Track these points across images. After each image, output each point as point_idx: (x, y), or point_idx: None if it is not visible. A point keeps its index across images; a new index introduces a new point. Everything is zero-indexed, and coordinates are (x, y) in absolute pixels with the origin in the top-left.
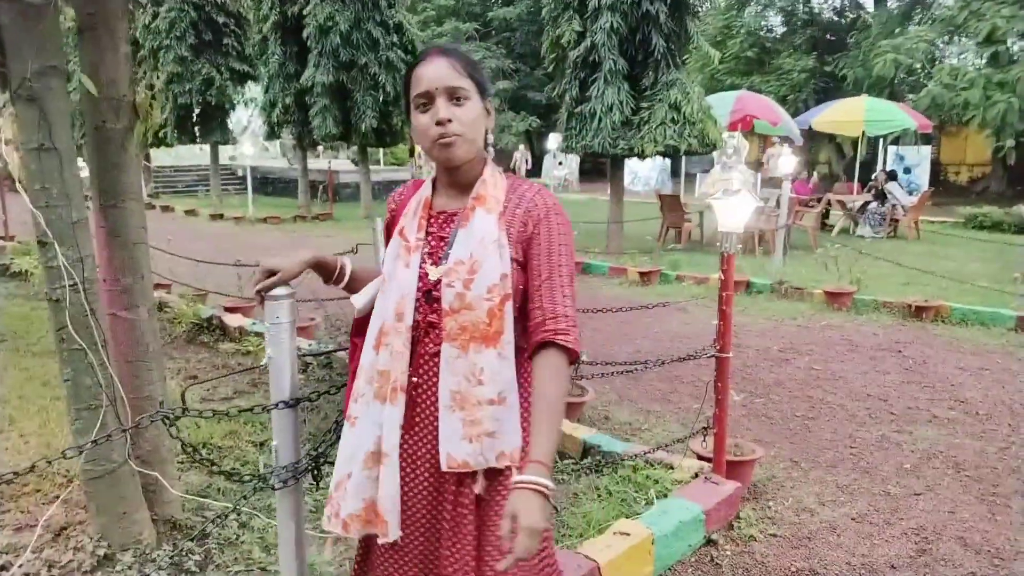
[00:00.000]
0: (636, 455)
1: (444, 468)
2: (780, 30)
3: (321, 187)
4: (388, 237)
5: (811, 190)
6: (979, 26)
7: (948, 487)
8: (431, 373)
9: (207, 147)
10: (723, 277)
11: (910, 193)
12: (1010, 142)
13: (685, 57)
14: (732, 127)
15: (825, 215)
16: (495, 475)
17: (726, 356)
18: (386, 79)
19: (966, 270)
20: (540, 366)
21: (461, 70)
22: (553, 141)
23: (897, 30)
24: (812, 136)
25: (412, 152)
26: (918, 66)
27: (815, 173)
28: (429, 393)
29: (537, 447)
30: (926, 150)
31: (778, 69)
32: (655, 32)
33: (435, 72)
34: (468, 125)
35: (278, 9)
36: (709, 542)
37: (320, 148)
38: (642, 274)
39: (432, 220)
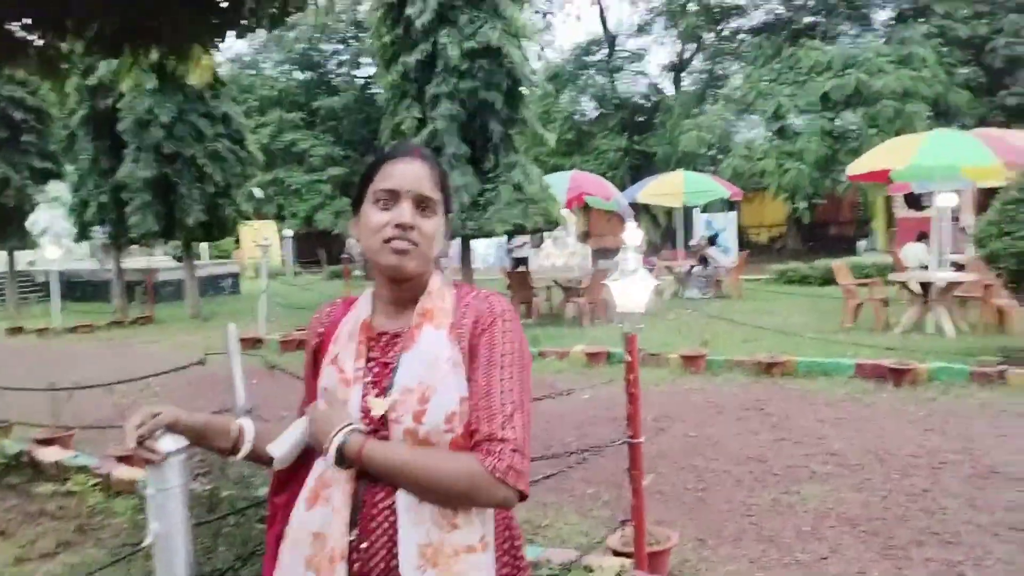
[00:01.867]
0: (552, 563)
1: None
2: (593, 114)
3: (139, 288)
4: (315, 366)
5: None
6: (766, 104)
7: (850, 547)
8: (382, 532)
9: (2, 253)
10: (628, 359)
11: (725, 254)
12: (803, 204)
13: (529, 141)
14: (568, 204)
15: None
16: None
17: (639, 442)
18: (214, 170)
19: (791, 322)
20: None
21: (436, 181)
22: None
23: (695, 110)
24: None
25: (238, 242)
26: (717, 141)
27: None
28: (380, 558)
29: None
30: (732, 215)
31: (595, 149)
32: (493, 118)
33: (411, 174)
34: (428, 239)
35: (88, 103)
36: None
37: (135, 246)
38: None
39: (373, 344)
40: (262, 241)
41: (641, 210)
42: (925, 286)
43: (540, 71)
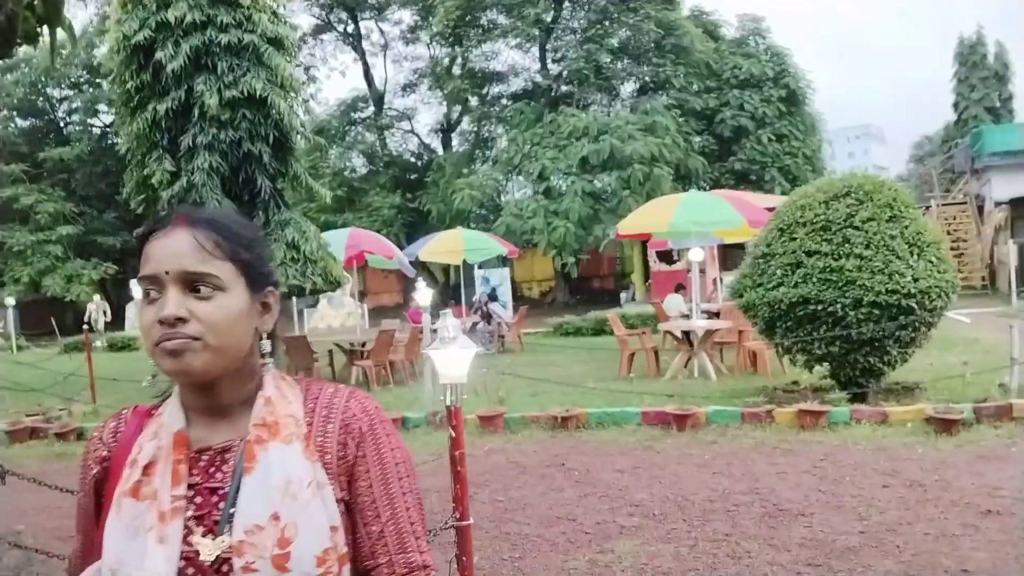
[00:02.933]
0: None
1: None
2: (364, 170)
3: None
4: (97, 504)
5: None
6: (532, 166)
7: None
8: None
9: None
10: (453, 435)
11: (504, 309)
12: (570, 259)
13: (302, 197)
14: (348, 263)
15: None
16: None
17: (467, 524)
18: None
19: (573, 373)
20: None
21: (212, 249)
22: (137, 290)
23: (466, 169)
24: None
25: None
26: (488, 200)
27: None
28: None
29: None
30: (506, 271)
31: (368, 206)
32: (260, 172)
33: (169, 250)
34: (214, 326)
35: None
36: None
37: None
38: None
39: (192, 465)
40: None
41: (419, 268)
42: (687, 334)
43: (307, 125)
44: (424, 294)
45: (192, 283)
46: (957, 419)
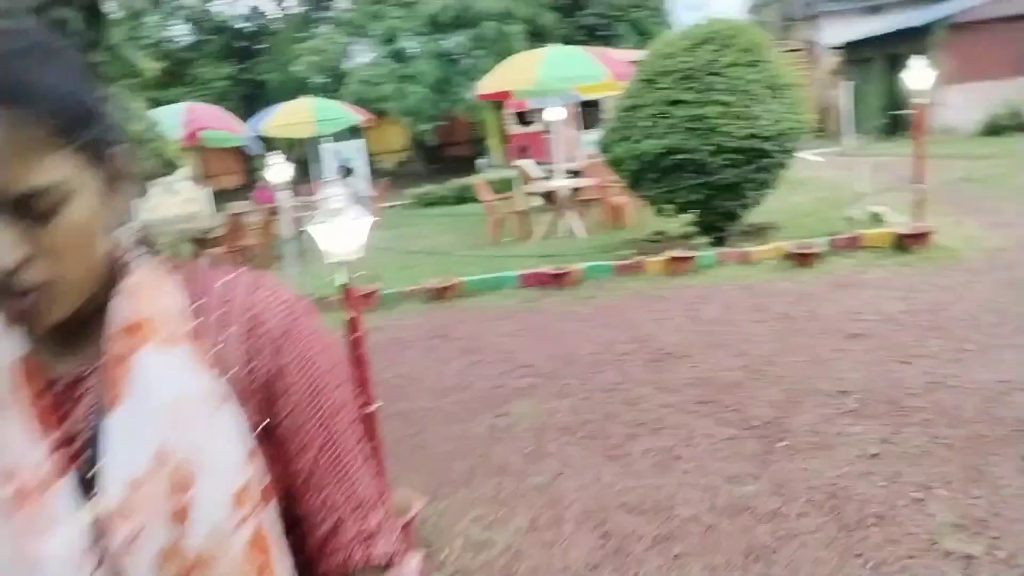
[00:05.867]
0: None
1: None
2: (188, 39)
3: None
4: None
5: (272, 197)
6: (378, 26)
7: (576, 456)
8: None
9: None
10: (351, 315)
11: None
12: (426, 127)
13: (124, 71)
14: (188, 141)
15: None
16: None
17: (373, 409)
18: None
19: (441, 243)
20: None
21: (40, 139)
22: None
23: (304, 33)
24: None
25: None
26: (331, 66)
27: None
28: None
29: None
30: (361, 143)
31: (197, 79)
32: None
33: None
34: (71, 255)
35: None
36: None
37: None
38: None
39: (52, 405)
40: None
41: (263, 143)
42: (551, 194)
43: None
44: (279, 171)
45: (23, 209)
46: (814, 253)
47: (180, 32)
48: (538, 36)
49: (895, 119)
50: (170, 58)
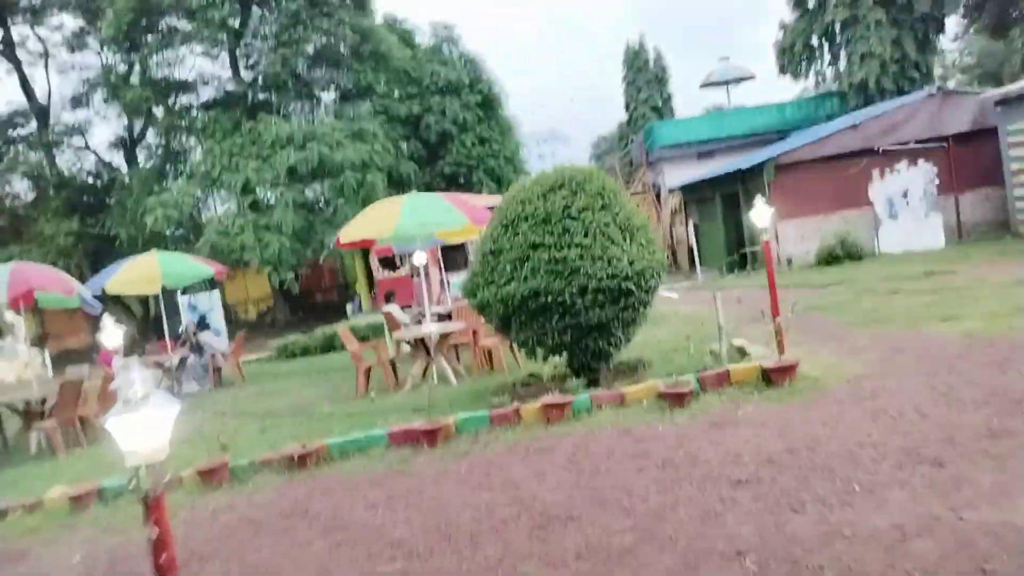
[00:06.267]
0: None
1: None
2: (29, 195)
3: None
4: None
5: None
6: (234, 178)
7: None
8: None
9: None
10: (154, 531)
11: (217, 337)
12: (289, 275)
13: None
14: (14, 304)
15: None
16: None
17: None
18: None
19: (305, 399)
20: None
21: None
22: None
23: (156, 187)
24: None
25: None
26: (186, 219)
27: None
28: None
29: None
30: (216, 294)
31: (39, 236)
32: None
33: None
34: None
35: None
36: None
37: None
38: None
39: None
40: None
41: (110, 302)
42: (421, 340)
43: None
44: (110, 334)
45: None
46: (686, 392)
47: (21, 188)
48: (398, 184)
49: (741, 253)
50: (9, 214)
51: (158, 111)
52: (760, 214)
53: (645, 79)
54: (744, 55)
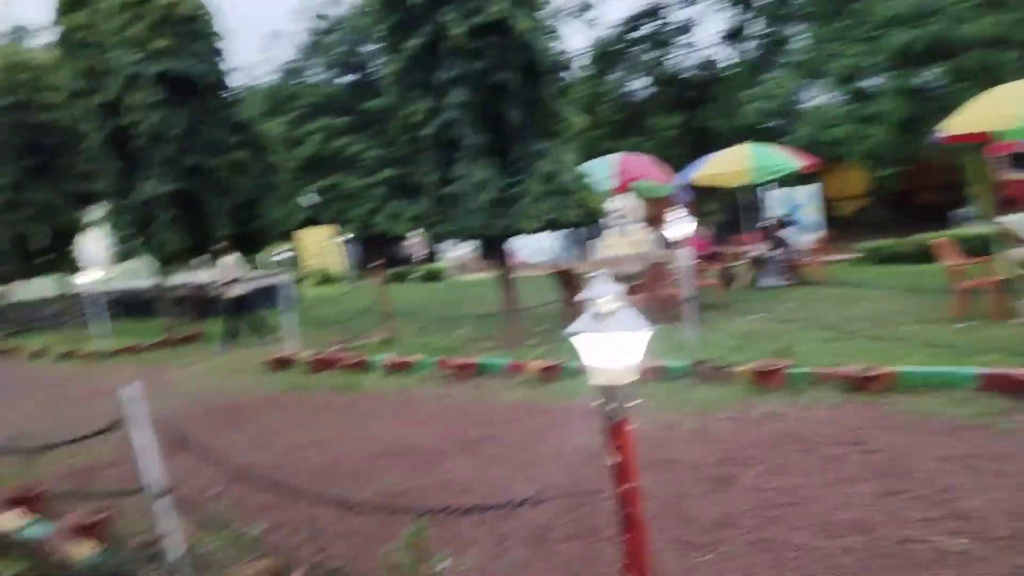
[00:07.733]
0: None
1: None
2: (644, 92)
3: (187, 304)
4: None
5: (707, 244)
6: (836, 65)
7: None
8: None
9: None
10: (616, 458)
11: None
12: (888, 172)
13: (557, 126)
14: (621, 189)
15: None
16: None
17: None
18: (237, 181)
19: (886, 314)
20: None
21: None
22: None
23: (754, 79)
24: (696, 189)
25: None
26: (781, 110)
27: (706, 227)
28: None
29: None
30: (815, 188)
31: (650, 129)
32: (509, 102)
33: None
34: None
35: (102, 122)
36: None
37: (196, 260)
38: (543, 370)
39: None
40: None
41: (705, 190)
42: None
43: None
44: (679, 226)
45: None
46: None
47: (636, 85)
48: None
49: None
50: (627, 110)
51: None
52: None
53: None
54: None
